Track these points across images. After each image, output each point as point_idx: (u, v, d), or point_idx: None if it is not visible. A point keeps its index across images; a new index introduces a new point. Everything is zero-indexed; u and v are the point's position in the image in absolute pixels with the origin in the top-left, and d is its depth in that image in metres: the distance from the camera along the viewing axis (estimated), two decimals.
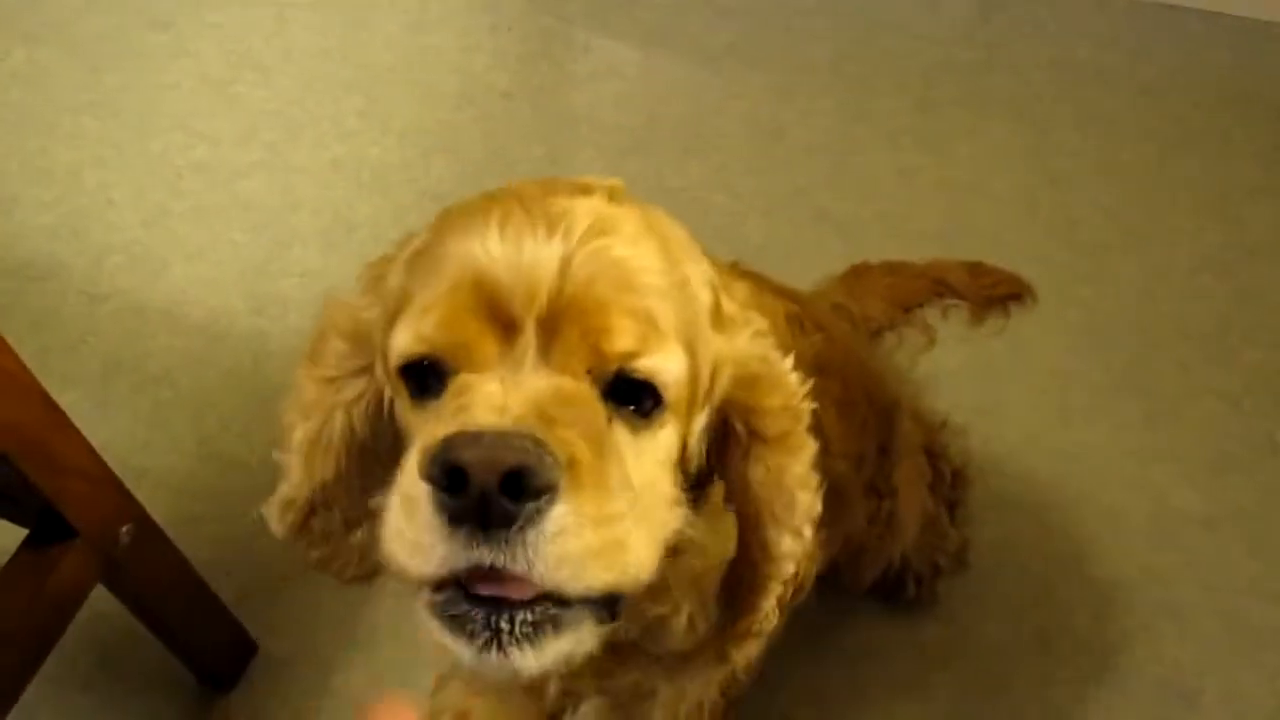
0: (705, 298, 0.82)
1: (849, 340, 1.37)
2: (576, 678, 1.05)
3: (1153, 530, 1.73)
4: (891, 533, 1.44)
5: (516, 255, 0.74)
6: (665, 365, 0.76)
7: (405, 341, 0.77)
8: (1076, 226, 2.09)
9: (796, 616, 1.37)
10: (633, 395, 0.77)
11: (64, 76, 2.43)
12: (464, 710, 1.50)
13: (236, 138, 2.27)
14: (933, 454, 1.58)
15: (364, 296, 0.88)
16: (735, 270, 1.28)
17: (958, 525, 1.64)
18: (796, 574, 0.91)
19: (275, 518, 0.95)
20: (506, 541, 0.69)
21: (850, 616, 1.64)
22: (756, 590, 0.90)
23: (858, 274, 1.69)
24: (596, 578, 0.72)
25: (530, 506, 0.68)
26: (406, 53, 2.45)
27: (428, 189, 2.17)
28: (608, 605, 0.78)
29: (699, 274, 0.83)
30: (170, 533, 1.43)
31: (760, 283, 1.25)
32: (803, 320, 1.24)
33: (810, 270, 1.77)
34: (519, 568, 0.69)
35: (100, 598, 1.38)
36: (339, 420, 0.89)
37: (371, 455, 0.88)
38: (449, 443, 0.68)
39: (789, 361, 0.86)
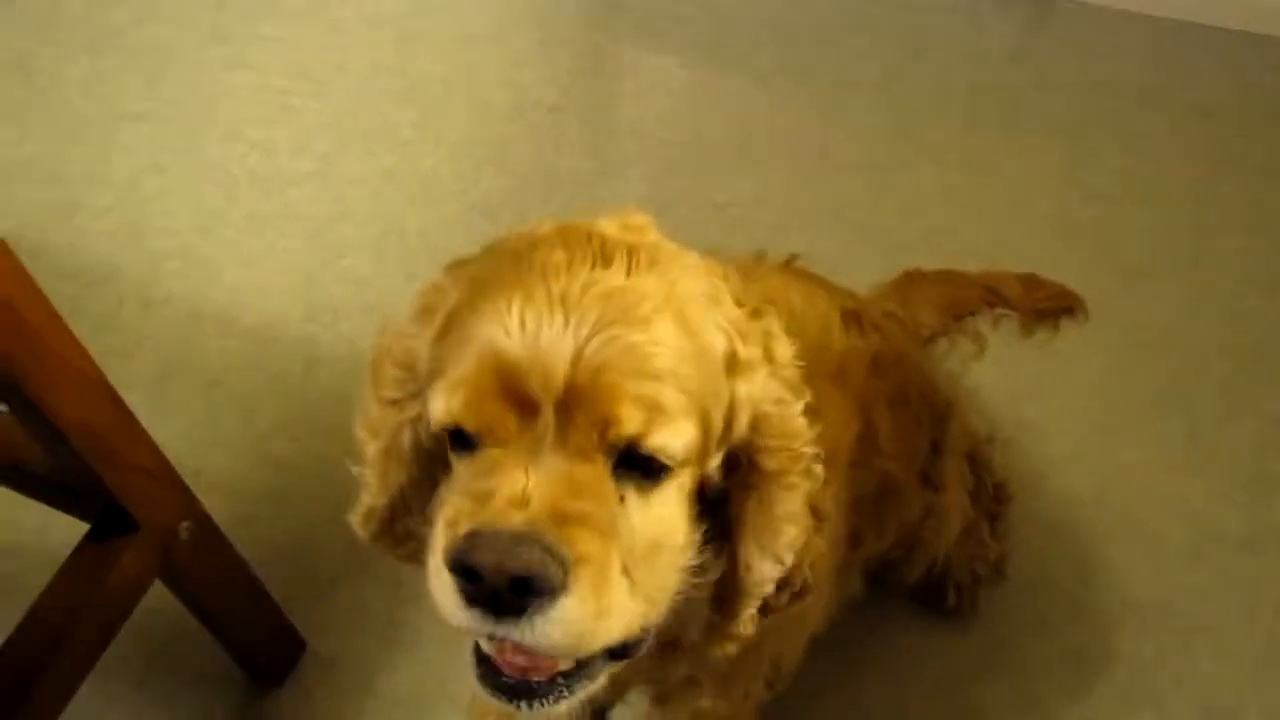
0: (721, 348, 0.87)
1: (903, 342, 1.39)
2: (626, 675, 1.09)
3: (1191, 550, 1.73)
4: (940, 527, 1.47)
5: (535, 344, 0.80)
6: (670, 442, 0.82)
7: (438, 412, 0.84)
8: (1120, 246, 2.10)
9: (836, 624, 1.40)
10: (642, 462, 0.83)
11: (124, 86, 2.48)
12: (507, 711, 1.53)
13: (291, 147, 2.32)
14: (976, 463, 1.60)
15: (414, 325, 0.93)
16: (789, 268, 1.31)
17: (997, 537, 1.65)
18: (790, 582, 0.97)
19: (359, 526, 1.03)
20: (517, 624, 0.79)
21: (889, 626, 1.66)
22: (737, 601, 0.97)
23: (911, 281, 1.71)
24: (602, 644, 0.83)
25: (535, 601, 0.78)
26: (459, 66, 2.49)
27: (477, 201, 2.21)
28: (623, 648, 0.89)
29: (717, 329, 0.88)
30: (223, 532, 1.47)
31: (815, 281, 1.27)
32: (861, 318, 1.27)
33: (853, 285, 1.79)
34: (529, 643, 0.80)
35: (151, 594, 1.41)
36: (406, 435, 0.96)
37: (441, 461, 0.93)
38: (467, 543, 0.78)
39: (799, 405, 0.92)
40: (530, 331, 0.81)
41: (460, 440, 0.86)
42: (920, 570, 1.54)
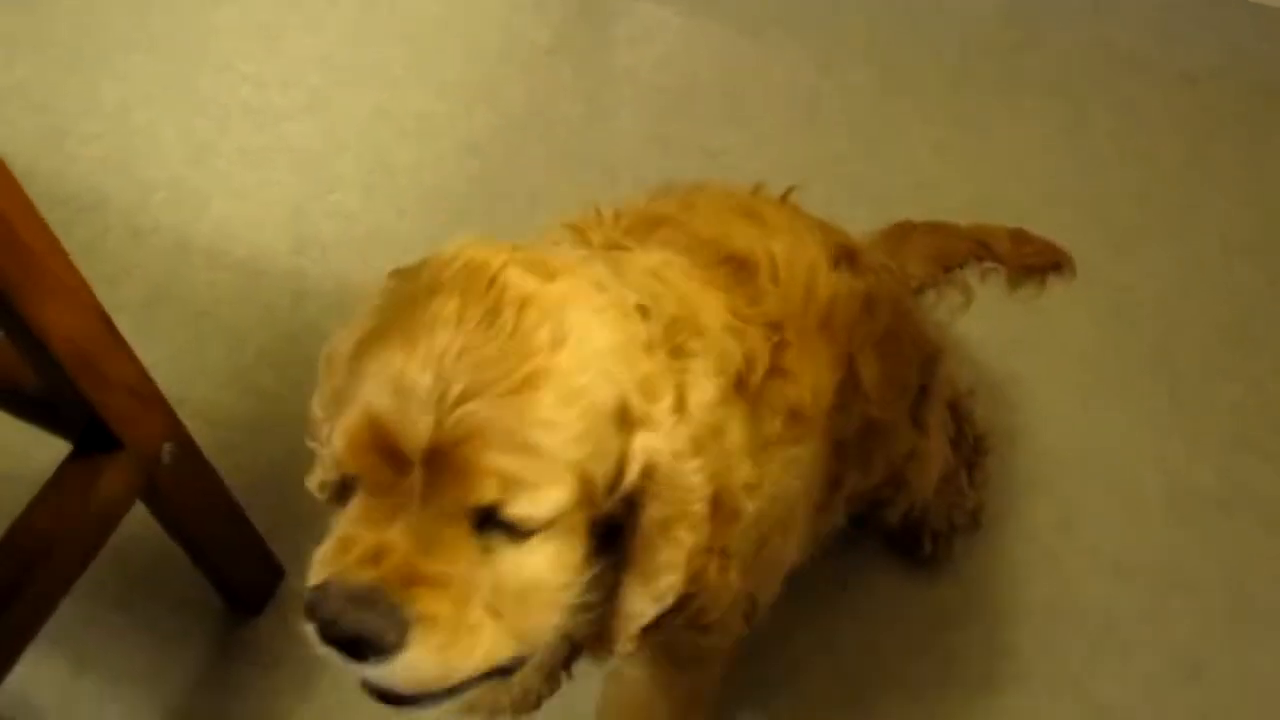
0: (612, 406, 0.88)
1: (896, 286, 1.40)
2: None
3: (1169, 509, 1.75)
4: (923, 469, 1.49)
5: (405, 406, 0.83)
6: (530, 512, 0.85)
7: (332, 453, 0.88)
8: (1108, 210, 2.10)
9: (815, 565, 1.42)
10: (505, 523, 0.86)
11: (115, 16, 2.46)
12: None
13: (283, 81, 2.31)
14: (958, 413, 1.62)
15: (358, 322, 0.96)
16: (785, 203, 1.30)
17: (975, 487, 1.67)
18: (685, 611, 1.00)
19: (315, 492, 1.07)
20: (363, 666, 0.85)
21: (867, 569, 1.68)
22: (614, 627, 0.99)
23: (902, 231, 1.72)
24: (449, 685, 0.88)
25: (372, 656, 0.84)
26: (452, 5, 2.47)
27: (468, 139, 2.20)
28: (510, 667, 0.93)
29: (611, 385, 0.88)
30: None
31: (809, 221, 1.28)
32: (856, 258, 1.27)
33: None
34: (375, 683, 0.87)
35: (133, 521, 1.42)
36: None
37: None
38: (317, 594, 0.84)
39: (696, 462, 0.92)
40: (404, 392, 0.83)
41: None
42: (901, 510, 1.56)
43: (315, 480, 1.05)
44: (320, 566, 0.86)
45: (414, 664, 0.84)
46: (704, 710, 1.48)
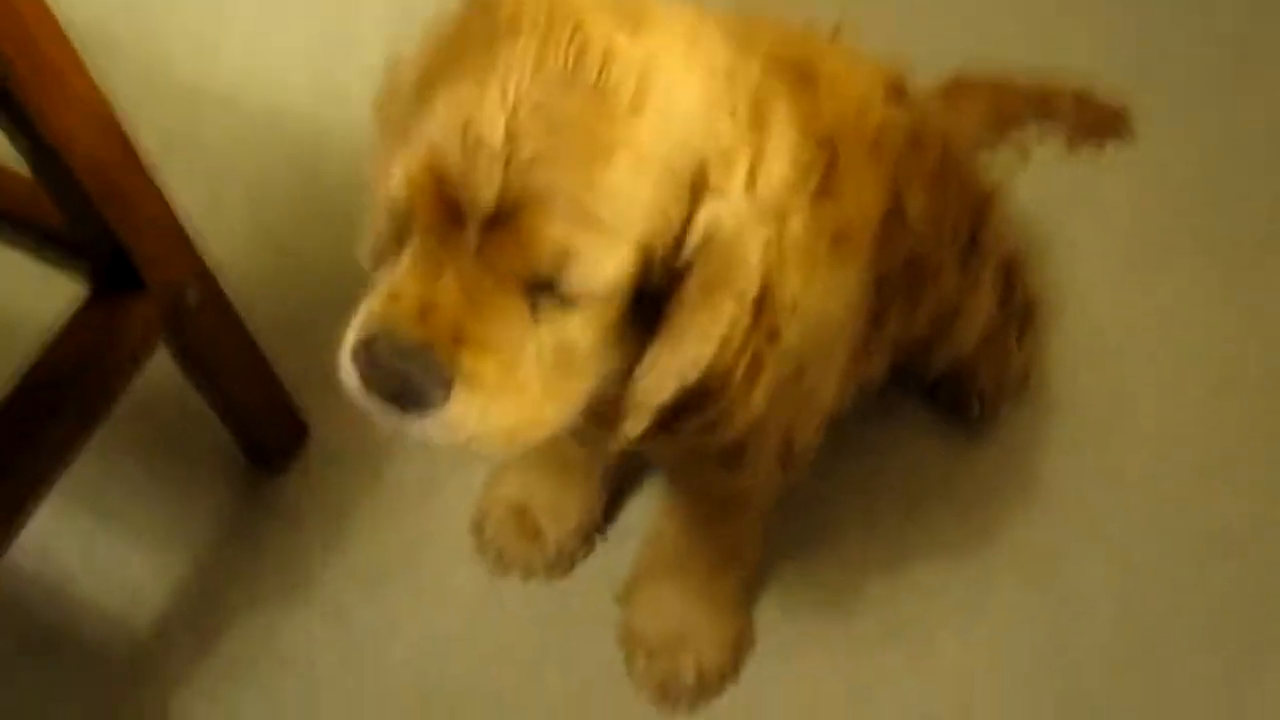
0: (689, 171, 0.83)
1: (947, 127, 1.32)
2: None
3: (1213, 387, 1.72)
4: (968, 322, 1.45)
5: (472, 161, 0.78)
6: (586, 287, 0.82)
7: (392, 184, 0.83)
8: (1159, 75, 2.01)
9: (858, 432, 1.38)
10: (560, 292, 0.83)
11: None
12: (520, 501, 1.52)
13: None
14: (1008, 275, 1.57)
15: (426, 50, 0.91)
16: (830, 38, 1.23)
17: (1023, 350, 1.64)
18: (703, 409, 0.94)
19: (364, 259, 1.01)
20: (406, 419, 0.84)
21: (909, 441, 1.66)
22: (628, 405, 0.94)
23: (960, 86, 1.67)
24: (490, 447, 0.88)
25: (415, 409, 0.83)
26: None
27: None
28: None
29: (691, 152, 0.82)
30: None
31: (855, 54, 1.19)
32: (906, 92, 1.20)
33: None
34: (418, 437, 0.85)
35: (153, 375, 1.38)
36: None
37: None
38: (366, 350, 0.83)
39: (760, 233, 0.87)
40: (473, 141, 0.78)
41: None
42: (946, 361, 1.52)
43: (365, 247, 1.00)
44: (370, 319, 0.84)
45: (454, 420, 0.83)
46: (743, 569, 1.45)
